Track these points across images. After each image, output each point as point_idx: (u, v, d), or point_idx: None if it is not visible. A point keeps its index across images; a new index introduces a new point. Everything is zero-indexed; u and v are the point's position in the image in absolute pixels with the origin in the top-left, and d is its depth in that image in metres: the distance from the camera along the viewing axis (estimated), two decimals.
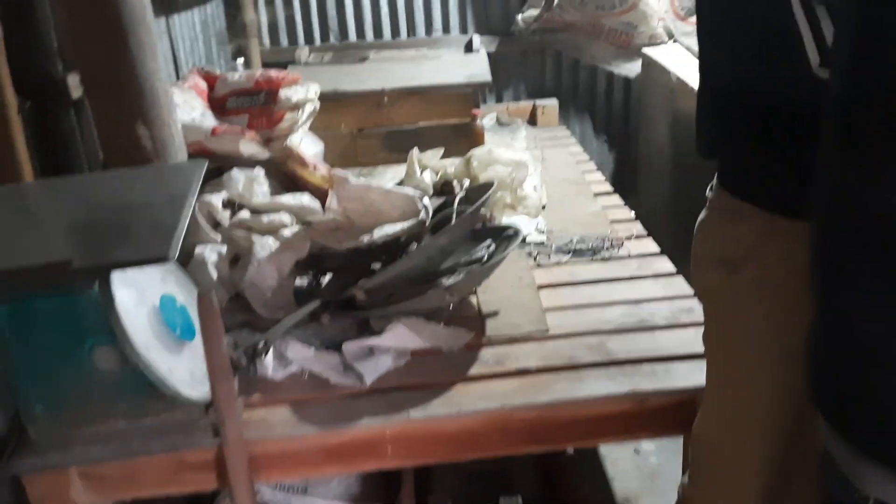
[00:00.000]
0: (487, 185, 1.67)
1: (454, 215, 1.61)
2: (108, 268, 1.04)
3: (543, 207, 2.08)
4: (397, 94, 2.63)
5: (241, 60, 2.92)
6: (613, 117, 3.31)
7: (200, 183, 1.27)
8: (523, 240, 1.83)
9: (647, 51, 2.90)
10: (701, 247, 1.04)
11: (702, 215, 1.05)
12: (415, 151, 2.03)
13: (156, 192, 1.24)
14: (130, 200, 1.22)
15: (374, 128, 2.64)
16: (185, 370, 1.21)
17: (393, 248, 1.61)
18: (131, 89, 1.55)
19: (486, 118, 2.97)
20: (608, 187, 2.32)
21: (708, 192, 1.05)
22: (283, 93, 1.96)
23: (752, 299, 0.97)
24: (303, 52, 2.94)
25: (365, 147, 2.65)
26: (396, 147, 2.65)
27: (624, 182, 3.36)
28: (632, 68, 3.02)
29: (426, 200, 1.66)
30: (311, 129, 2.20)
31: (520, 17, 3.05)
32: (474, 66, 2.75)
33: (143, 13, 1.54)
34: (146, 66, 1.55)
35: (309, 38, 3.16)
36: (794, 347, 0.75)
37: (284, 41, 3.16)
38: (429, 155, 2.09)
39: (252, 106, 1.98)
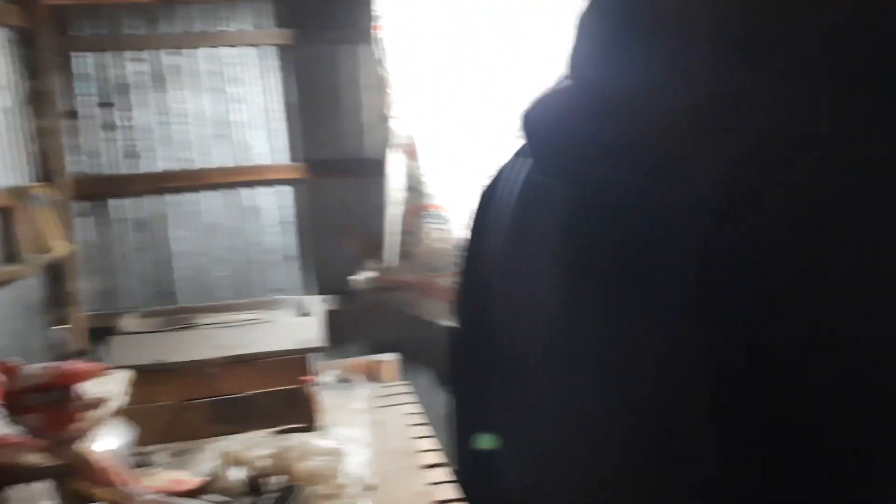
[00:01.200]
0: (292, 490, 1.59)
1: None
2: None
3: (372, 488, 2.01)
4: (225, 364, 2.57)
5: (59, 328, 2.80)
6: None
7: None
8: None
9: None
10: None
11: None
12: (221, 446, 1.93)
13: None
14: None
15: (199, 399, 2.53)
16: None
17: None
18: None
19: (327, 375, 2.93)
20: (438, 457, 2.30)
21: None
22: (85, 388, 1.85)
23: None
24: (127, 319, 2.84)
25: (189, 420, 2.52)
26: (223, 419, 2.53)
27: None
28: None
29: None
30: (132, 403, 2.07)
31: (355, 278, 3.13)
32: (307, 331, 2.75)
33: None
34: None
35: (136, 302, 3.07)
36: None
37: (110, 306, 3.05)
38: (245, 443, 2.00)
39: (49, 403, 1.85)
